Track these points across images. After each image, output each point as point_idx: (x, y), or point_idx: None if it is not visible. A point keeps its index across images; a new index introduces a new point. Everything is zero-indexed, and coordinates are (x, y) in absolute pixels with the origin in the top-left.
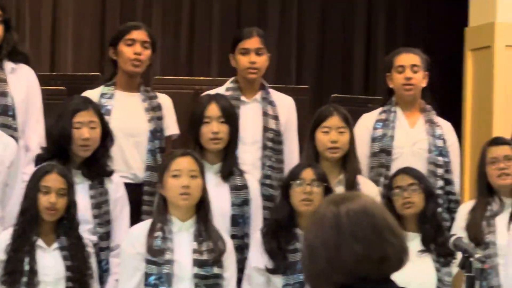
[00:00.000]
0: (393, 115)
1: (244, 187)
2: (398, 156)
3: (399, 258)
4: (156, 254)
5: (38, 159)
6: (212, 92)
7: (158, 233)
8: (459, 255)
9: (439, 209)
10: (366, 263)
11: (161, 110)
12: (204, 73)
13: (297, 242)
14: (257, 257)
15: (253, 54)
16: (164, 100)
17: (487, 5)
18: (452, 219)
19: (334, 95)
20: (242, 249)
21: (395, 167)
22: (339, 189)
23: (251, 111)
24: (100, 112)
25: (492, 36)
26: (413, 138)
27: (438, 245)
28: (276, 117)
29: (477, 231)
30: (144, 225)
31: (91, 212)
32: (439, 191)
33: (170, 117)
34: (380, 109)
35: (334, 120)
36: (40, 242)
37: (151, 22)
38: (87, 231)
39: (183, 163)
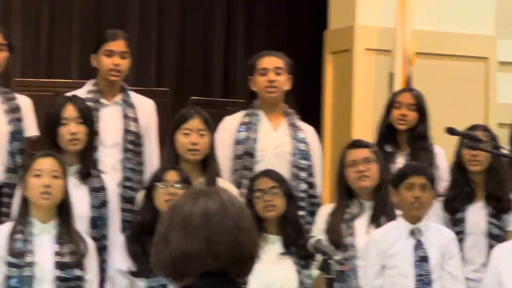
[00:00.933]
0: (256, 118)
1: (102, 188)
2: (262, 159)
3: (250, 260)
4: (17, 257)
5: None
6: (72, 94)
7: (19, 235)
8: (319, 258)
9: (302, 212)
10: (211, 261)
11: (20, 112)
12: (64, 75)
13: None
14: (121, 259)
15: (117, 57)
16: (23, 101)
17: (346, 8)
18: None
19: (193, 97)
20: (101, 251)
21: (258, 169)
22: None
23: (111, 114)
24: None
25: (351, 39)
26: (276, 141)
27: (298, 247)
28: (136, 120)
29: (337, 233)
30: (5, 228)
31: None
32: (302, 194)
33: (29, 118)
34: (242, 112)
35: (195, 123)
36: None
37: (11, 23)
38: None
39: (45, 164)
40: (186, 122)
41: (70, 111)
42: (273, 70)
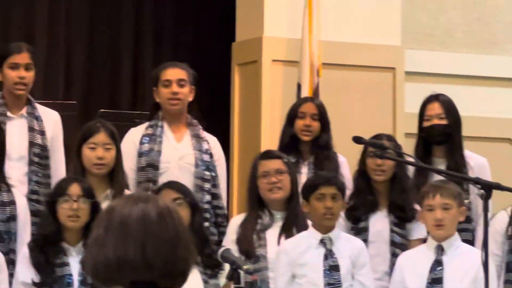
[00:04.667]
0: (160, 129)
1: (11, 203)
2: (165, 170)
3: (183, 275)
4: None
5: None
6: None
7: None
8: (227, 267)
9: (206, 224)
10: (144, 271)
11: None
12: None
13: (65, 256)
14: (24, 271)
15: (22, 69)
16: None
17: (253, 19)
18: (220, 233)
19: (101, 110)
20: (8, 265)
21: (162, 181)
22: (106, 204)
23: (17, 127)
24: None
25: (259, 50)
26: (180, 152)
27: (205, 257)
28: (42, 132)
29: (248, 244)
30: None
31: None
32: (207, 206)
33: None
34: (146, 124)
35: (101, 137)
36: None
37: None
38: None
39: None
40: (92, 136)
41: None
42: (176, 82)
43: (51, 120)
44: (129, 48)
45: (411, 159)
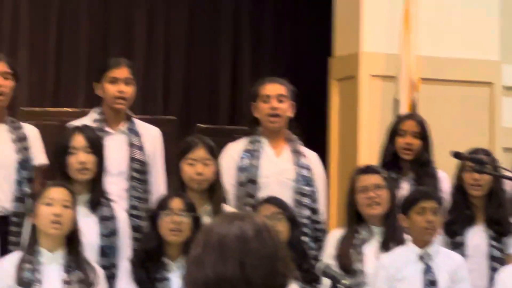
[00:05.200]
0: (259, 145)
1: (112, 217)
2: (265, 185)
3: (282, 287)
4: (25, 286)
5: None
6: (77, 122)
7: (27, 265)
8: (325, 282)
9: (306, 238)
10: (243, 287)
11: (27, 140)
12: (70, 104)
13: (166, 271)
14: (126, 286)
15: (121, 84)
16: (30, 130)
17: (351, 35)
18: (319, 248)
19: (199, 125)
20: (110, 280)
21: (261, 196)
22: (206, 219)
23: (116, 142)
24: None
25: (356, 66)
26: (279, 167)
27: (303, 272)
28: (141, 148)
29: (346, 259)
30: (13, 257)
31: None
32: (305, 221)
33: (37, 147)
34: (246, 139)
35: (200, 152)
36: None
37: (17, 53)
38: None
39: (57, 193)
40: (190, 152)
41: (79, 140)
42: (275, 97)
43: (151, 136)
44: (227, 63)
45: (509, 174)
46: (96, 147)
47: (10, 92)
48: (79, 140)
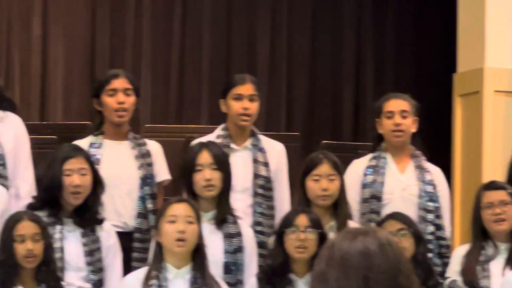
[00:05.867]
0: (383, 161)
1: (238, 234)
2: (389, 202)
3: None
4: None
5: (29, 208)
6: (203, 139)
7: (154, 281)
8: None
9: (430, 254)
10: None
11: (150, 157)
12: (194, 121)
13: None
14: None
15: (246, 100)
16: (153, 146)
17: (475, 50)
18: (444, 264)
19: (324, 141)
20: None
21: (385, 213)
22: (331, 235)
23: (241, 159)
24: (90, 159)
25: (481, 81)
26: (403, 184)
27: (429, 287)
28: (266, 164)
29: (472, 275)
30: (139, 273)
31: (84, 259)
32: (430, 237)
33: (160, 163)
34: (370, 155)
35: (324, 168)
36: None
37: (141, 70)
38: (81, 279)
39: (179, 209)
40: (315, 168)
41: (205, 157)
42: (399, 113)
43: (275, 152)
44: (351, 79)
45: None
46: (222, 163)
47: (132, 107)
48: (205, 157)
